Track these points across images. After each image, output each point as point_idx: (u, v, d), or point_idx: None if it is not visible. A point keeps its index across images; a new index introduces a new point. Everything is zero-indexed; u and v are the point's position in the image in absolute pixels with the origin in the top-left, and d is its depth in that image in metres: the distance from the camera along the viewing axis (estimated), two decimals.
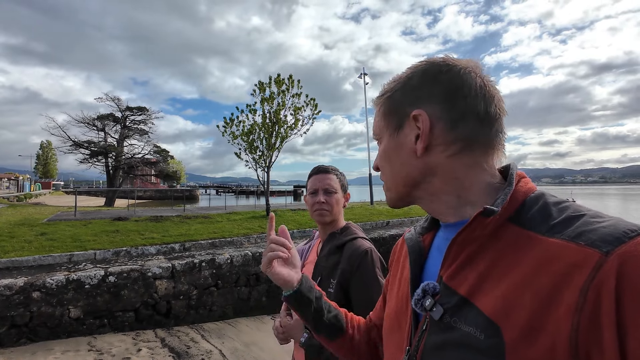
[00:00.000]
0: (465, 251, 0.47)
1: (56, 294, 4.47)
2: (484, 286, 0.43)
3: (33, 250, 5.77)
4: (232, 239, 7.50)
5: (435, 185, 0.53)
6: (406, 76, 0.55)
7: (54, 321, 4.42)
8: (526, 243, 0.42)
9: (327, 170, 1.30)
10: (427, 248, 0.59)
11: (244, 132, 10.63)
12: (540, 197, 0.47)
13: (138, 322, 5.06)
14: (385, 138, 0.57)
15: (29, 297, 4.31)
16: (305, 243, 1.45)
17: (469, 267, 0.46)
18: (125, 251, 6.11)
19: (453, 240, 0.48)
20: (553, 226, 0.42)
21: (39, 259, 5.29)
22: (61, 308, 4.49)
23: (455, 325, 0.45)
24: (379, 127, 0.58)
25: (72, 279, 4.61)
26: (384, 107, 0.57)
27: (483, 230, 0.45)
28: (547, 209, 0.45)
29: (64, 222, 8.18)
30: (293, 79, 10.65)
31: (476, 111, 0.50)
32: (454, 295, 0.46)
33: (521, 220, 0.45)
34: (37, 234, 6.79)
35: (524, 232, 0.44)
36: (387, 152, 0.56)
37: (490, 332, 0.40)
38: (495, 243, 0.45)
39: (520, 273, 0.40)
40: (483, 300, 0.43)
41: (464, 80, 0.50)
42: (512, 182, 0.49)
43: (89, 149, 21.12)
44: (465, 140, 0.50)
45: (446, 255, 0.49)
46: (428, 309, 0.48)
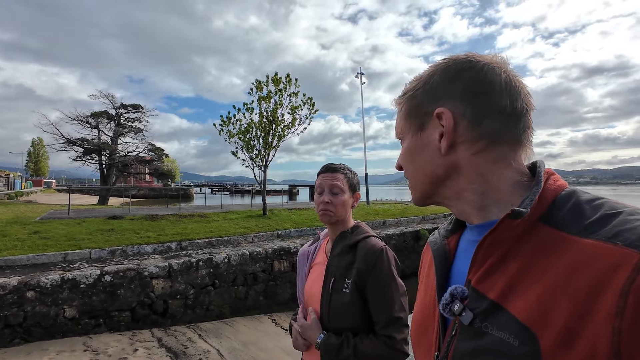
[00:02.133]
0: (494, 254, 0.46)
1: (51, 294, 4.40)
2: (516, 290, 0.42)
3: (26, 249, 5.67)
4: (229, 238, 7.46)
5: (460, 184, 0.52)
6: (428, 75, 0.54)
7: (48, 321, 4.36)
8: (559, 244, 0.41)
9: (335, 169, 1.27)
10: (453, 251, 0.57)
11: (241, 130, 10.57)
12: (572, 195, 0.45)
13: (134, 321, 5.00)
14: (408, 138, 0.56)
15: (23, 296, 4.23)
16: (311, 244, 1.41)
17: (499, 270, 0.45)
18: (121, 250, 6.04)
19: (480, 243, 0.46)
20: (587, 226, 0.40)
21: (32, 257, 5.20)
22: (56, 308, 4.42)
23: (486, 331, 0.43)
24: (401, 127, 0.58)
25: (67, 278, 4.54)
26: (406, 107, 0.56)
27: (512, 232, 0.44)
28: (579, 208, 0.43)
29: (58, 221, 8.06)
30: (290, 77, 10.61)
31: (501, 107, 0.49)
32: (484, 300, 0.45)
33: (552, 220, 0.43)
34: (30, 233, 6.69)
35: (555, 232, 0.42)
36: (411, 152, 0.56)
37: (524, 338, 0.39)
38: (526, 245, 0.44)
39: (554, 276, 0.39)
40: (516, 305, 0.41)
41: (487, 76, 0.49)
42: (540, 180, 0.47)
43: (82, 146, 20.83)
44: (491, 137, 0.49)
45: (474, 258, 0.48)
46: (457, 314, 0.47)
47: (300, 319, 1.19)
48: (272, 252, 6.73)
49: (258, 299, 6.42)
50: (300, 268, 1.37)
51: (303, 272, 1.34)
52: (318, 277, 1.22)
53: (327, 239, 1.33)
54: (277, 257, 6.79)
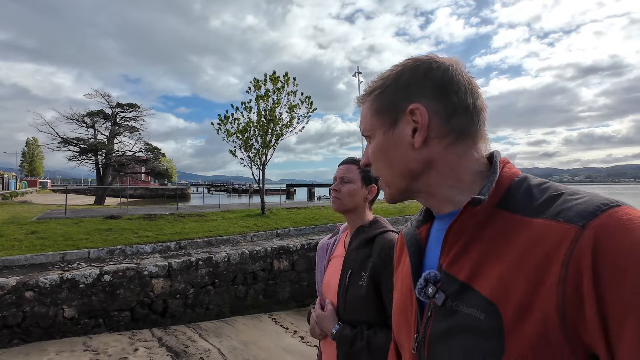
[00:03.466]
0: (461, 239, 0.49)
1: (50, 294, 4.37)
2: (481, 270, 0.46)
3: (24, 249, 5.62)
4: (229, 237, 7.44)
5: (432, 177, 0.55)
6: (396, 73, 0.56)
7: (47, 321, 4.32)
8: (515, 226, 0.45)
9: (349, 161, 1.30)
10: (425, 240, 0.60)
11: (239, 129, 10.54)
12: (524, 181, 0.49)
13: (134, 321, 4.98)
14: (378, 135, 0.57)
15: (21, 296, 4.20)
16: (330, 237, 1.44)
17: (466, 254, 0.48)
18: (119, 250, 6.00)
19: (448, 229, 0.50)
20: (537, 207, 0.44)
21: (30, 257, 5.15)
22: (55, 308, 4.39)
23: (457, 309, 0.47)
24: (370, 124, 0.59)
25: (67, 278, 4.51)
26: (376, 104, 0.57)
27: (474, 218, 0.48)
28: (530, 191, 0.47)
29: (55, 221, 7.99)
30: (288, 76, 10.59)
31: (466, 104, 0.53)
32: (454, 281, 0.48)
33: (509, 205, 0.47)
34: (27, 233, 6.62)
35: (512, 216, 0.46)
36: (383, 148, 0.57)
37: (489, 312, 0.43)
38: (488, 229, 0.47)
39: (512, 255, 0.43)
40: (481, 283, 0.45)
41: (452, 76, 0.53)
42: (496, 169, 0.51)
43: (78, 146, 20.64)
44: (458, 132, 0.53)
45: (443, 244, 0.52)
46: (431, 296, 0.50)
47: (318, 309, 1.22)
48: (271, 251, 6.72)
49: (258, 298, 6.42)
50: (319, 260, 1.40)
51: (322, 265, 1.37)
52: (336, 270, 1.24)
53: (346, 232, 1.35)
54: (276, 256, 6.79)
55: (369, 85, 0.60)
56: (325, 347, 1.22)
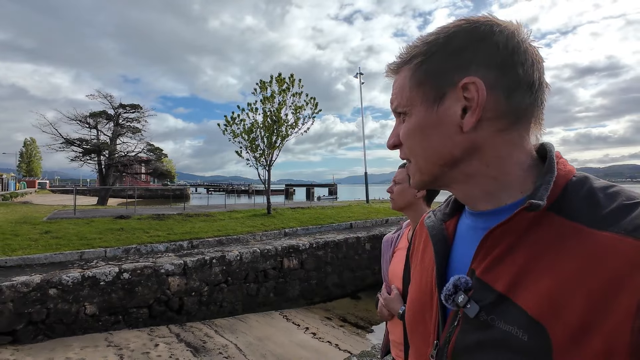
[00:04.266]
0: (502, 244, 0.43)
1: (72, 291, 4.49)
2: (525, 282, 0.40)
3: (40, 248, 5.74)
4: (238, 236, 7.57)
5: (474, 166, 0.47)
6: (446, 36, 0.46)
7: (70, 318, 4.45)
8: (572, 236, 0.39)
9: (403, 165, 1.42)
10: (451, 236, 0.54)
11: (245, 130, 10.67)
12: (585, 182, 0.43)
13: (151, 318, 5.11)
14: (418, 111, 0.48)
15: (45, 293, 4.32)
16: (394, 232, 1.59)
17: (506, 261, 0.42)
18: (134, 248, 6.13)
19: (490, 232, 0.44)
20: (603, 217, 0.38)
21: (50, 256, 5.27)
22: (77, 305, 4.51)
23: (492, 324, 0.41)
24: (408, 98, 0.49)
25: (88, 276, 4.64)
26: (418, 75, 0.48)
27: (522, 222, 0.42)
28: (594, 196, 0.41)
29: (66, 221, 8.10)
30: (294, 78, 10.74)
31: (532, 80, 0.44)
32: (490, 291, 0.42)
33: (564, 209, 0.41)
34: (41, 232, 6.74)
35: (568, 223, 0.40)
36: (423, 128, 0.48)
37: (534, 333, 0.37)
38: (534, 235, 0.41)
39: (568, 269, 0.37)
40: (524, 298, 0.39)
41: (519, 44, 0.44)
42: (553, 166, 0.44)
43: (82, 146, 20.73)
44: (516, 114, 0.45)
45: (480, 247, 0.45)
46: (461, 306, 0.44)
47: (385, 294, 1.36)
48: (281, 250, 6.86)
49: (268, 295, 6.56)
50: (384, 252, 1.57)
51: (387, 256, 1.54)
52: (401, 260, 1.38)
53: (409, 227, 1.52)
54: (286, 255, 6.93)
55: (407, 50, 0.50)
56: (393, 327, 1.36)
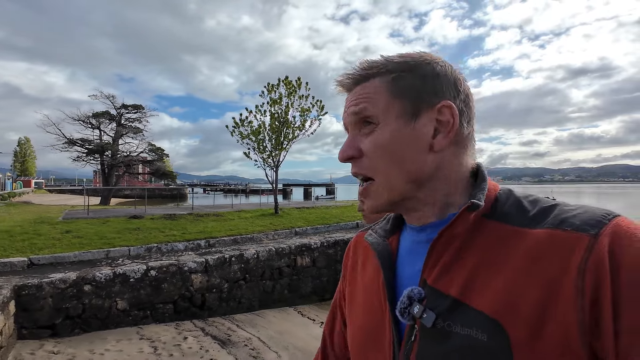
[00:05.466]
0: (449, 250, 0.45)
1: (104, 287, 4.74)
2: (476, 284, 0.42)
3: (65, 247, 5.96)
4: (252, 235, 7.84)
5: (434, 185, 0.49)
6: (414, 62, 0.49)
7: (103, 313, 4.69)
8: (510, 237, 0.42)
9: None
10: (394, 253, 0.55)
11: (253, 131, 10.92)
12: (510, 193, 0.49)
13: (176, 313, 5.36)
14: (393, 124, 0.48)
15: (81, 290, 4.56)
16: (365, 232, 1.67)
17: (455, 266, 0.44)
18: (156, 247, 6.37)
19: (437, 238, 0.46)
20: (532, 218, 0.43)
21: (79, 254, 5.51)
22: (109, 300, 4.76)
23: (450, 330, 0.42)
24: (382, 107, 0.48)
25: (119, 273, 4.88)
26: (396, 88, 0.48)
27: (464, 226, 0.45)
28: (520, 203, 0.46)
29: (82, 220, 8.30)
30: (301, 81, 11.00)
31: (474, 111, 0.51)
32: (444, 298, 0.44)
33: (497, 215, 0.45)
34: (62, 232, 6.94)
35: (504, 226, 0.44)
36: (397, 142, 0.47)
37: (492, 331, 0.39)
38: (477, 240, 0.44)
39: (514, 267, 0.40)
40: (478, 299, 0.41)
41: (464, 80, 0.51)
42: (485, 177, 0.49)
43: (85, 147, 20.83)
44: (468, 139, 0.51)
45: (429, 255, 0.47)
46: (418, 317, 0.44)
47: None
48: (295, 248, 7.14)
49: (283, 292, 6.83)
50: None
51: None
52: None
53: None
54: (299, 253, 7.21)
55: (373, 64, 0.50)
56: None
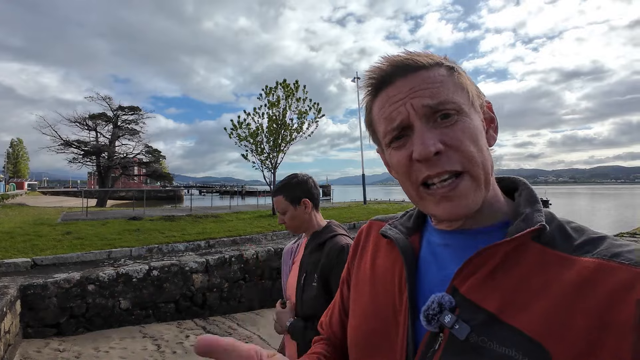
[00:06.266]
0: (489, 263, 0.43)
1: (108, 287, 4.83)
2: (517, 303, 0.40)
3: (66, 248, 6.03)
4: (251, 236, 7.95)
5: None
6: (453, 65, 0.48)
7: (107, 312, 4.78)
8: (556, 262, 0.41)
9: (276, 194, 1.41)
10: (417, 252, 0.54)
11: (250, 134, 11.05)
12: (553, 217, 0.47)
13: (178, 312, 5.46)
14: (471, 113, 0.46)
15: (85, 289, 4.65)
16: (294, 242, 1.54)
17: (492, 281, 0.43)
18: (157, 248, 6.46)
19: (482, 250, 0.44)
20: (579, 246, 0.42)
21: (81, 255, 5.59)
22: (112, 300, 4.85)
23: (484, 346, 0.40)
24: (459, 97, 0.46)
25: (122, 273, 4.98)
26: (460, 81, 0.47)
27: (511, 245, 0.43)
28: (564, 229, 0.45)
29: (82, 222, 8.36)
30: (298, 84, 11.15)
31: None
32: (479, 311, 0.42)
33: (541, 239, 0.44)
34: (63, 233, 7.01)
35: (549, 250, 0.42)
36: (478, 130, 0.46)
37: (534, 354, 0.37)
38: (519, 260, 0.43)
39: (559, 292, 0.39)
40: (520, 318, 0.39)
41: None
42: (537, 196, 0.48)
43: (81, 148, 20.78)
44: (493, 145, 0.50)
45: (466, 264, 0.44)
46: (448, 326, 0.42)
47: (278, 307, 1.36)
48: None
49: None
50: (284, 264, 1.53)
51: (287, 268, 1.49)
52: (296, 273, 1.36)
53: (306, 238, 1.44)
54: None
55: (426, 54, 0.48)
56: (288, 342, 1.31)
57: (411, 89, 0.45)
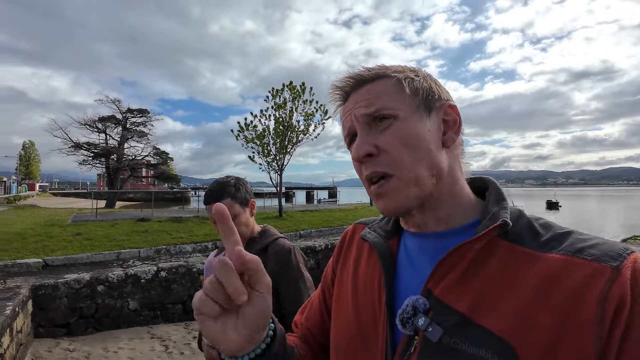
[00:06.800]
0: (461, 264, 0.44)
1: (117, 288, 4.88)
2: (487, 303, 0.41)
3: (76, 249, 6.12)
4: None
5: (447, 186, 0.49)
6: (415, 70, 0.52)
7: (115, 312, 4.83)
8: (523, 259, 0.42)
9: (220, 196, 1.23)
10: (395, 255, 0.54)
11: (257, 135, 11.10)
12: (521, 214, 0.47)
13: (185, 313, 5.49)
14: (410, 118, 0.48)
15: (94, 290, 4.71)
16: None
17: (465, 282, 0.43)
18: (165, 249, 6.52)
19: (452, 251, 0.44)
20: (546, 242, 0.43)
21: (91, 256, 5.66)
22: (121, 300, 4.90)
23: (456, 347, 0.41)
24: (398, 102, 0.48)
25: (130, 274, 5.03)
26: (411, 85, 0.49)
27: (479, 243, 0.44)
28: (532, 226, 0.45)
29: (91, 223, 8.48)
30: (305, 86, 11.18)
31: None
32: (452, 313, 0.42)
33: (509, 236, 0.44)
34: (73, 234, 7.11)
35: (517, 247, 0.43)
36: (418, 134, 0.47)
37: (503, 353, 0.38)
38: (490, 258, 0.43)
39: (527, 290, 0.40)
40: (489, 319, 0.40)
41: None
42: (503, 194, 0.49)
43: (91, 150, 21.13)
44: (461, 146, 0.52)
45: (438, 266, 0.45)
46: (422, 329, 0.43)
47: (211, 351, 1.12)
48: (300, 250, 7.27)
49: None
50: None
51: None
52: None
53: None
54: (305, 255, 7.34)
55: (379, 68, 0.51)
56: None
57: (355, 101, 0.50)
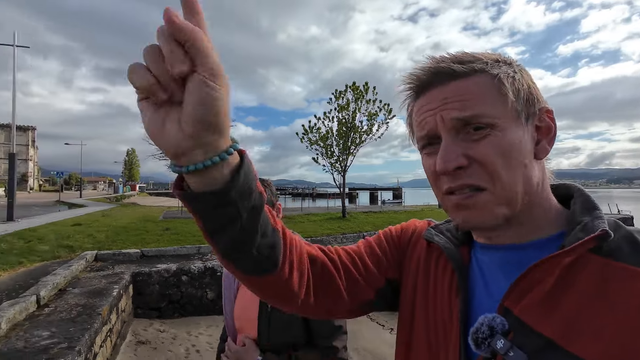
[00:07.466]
0: (545, 281, 0.39)
1: (198, 278, 5.43)
2: (579, 328, 0.36)
3: (166, 242, 6.99)
4: (321, 238, 8.13)
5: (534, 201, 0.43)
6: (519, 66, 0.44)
7: (196, 301, 5.38)
8: (624, 277, 0.36)
9: None
10: (467, 265, 0.49)
11: (321, 137, 11.33)
12: (619, 224, 0.41)
13: None
14: (510, 126, 0.41)
15: (179, 279, 5.31)
16: None
17: (550, 301, 0.38)
18: None
19: (535, 265, 0.39)
20: None
21: (177, 249, 6.42)
22: (201, 290, 5.43)
23: None
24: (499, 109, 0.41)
25: (208, 267, 5.55)
26: (513, 87, 0.42)
27: (566, 257, 0.38)
28: (634, 239, 0.39)
29: (177, 220, 9.61)
30: (368, 85, 11.07)
31: None
32: (535, 336, 0.38)
33: (603, 250, 0.38)
34: (163, 229, 8.14)
35: (613, 263, 0.37)
36: (518, 146, 0.41)
37: None
38: (579, 275, 0.38)
39: (631, 313, 0.34)
40: (582, 345, 0.35)
41: None
42: (595, 205, 0.43)
43: None
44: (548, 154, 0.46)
45: (518, 282, 0.40)
46: (502, 353, 0.38)
47: (232, 345, 1.12)
48: None
49: None
50: (226, 289, 1.24)
51: (230, 294, 1.21)
52: (251, 298, 1.10)
53: None
54: None
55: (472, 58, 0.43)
56: None
57: (443, 100, 0.43)
